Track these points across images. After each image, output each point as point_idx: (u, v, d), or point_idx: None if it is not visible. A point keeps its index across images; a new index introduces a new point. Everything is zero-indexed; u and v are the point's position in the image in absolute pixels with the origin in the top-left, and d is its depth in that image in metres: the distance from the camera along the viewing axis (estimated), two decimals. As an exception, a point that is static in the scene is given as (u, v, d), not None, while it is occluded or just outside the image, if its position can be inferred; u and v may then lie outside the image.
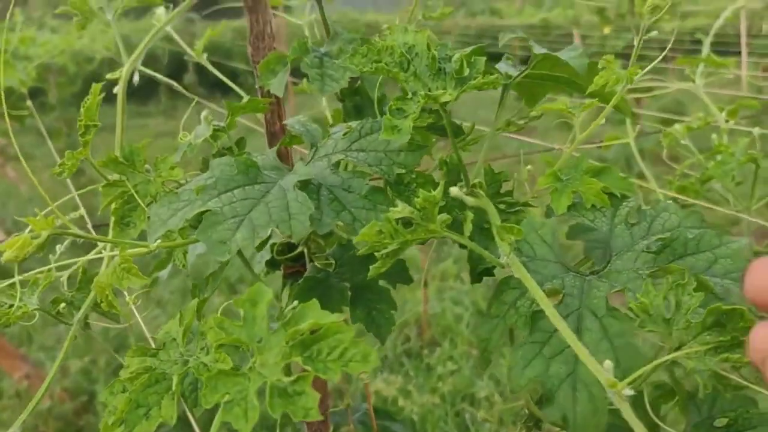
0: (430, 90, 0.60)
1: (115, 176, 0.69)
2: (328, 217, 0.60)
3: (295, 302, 0.46)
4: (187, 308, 0.57)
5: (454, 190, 0.53)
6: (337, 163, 0.69)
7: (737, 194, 0.97)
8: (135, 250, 0.56)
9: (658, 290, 0.45)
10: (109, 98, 0.73)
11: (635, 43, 0.66)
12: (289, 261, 0.91)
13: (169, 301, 3.61)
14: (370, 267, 0.56)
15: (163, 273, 0.95)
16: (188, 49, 1.05)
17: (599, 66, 0.60)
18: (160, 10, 1.03)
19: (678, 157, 1.25)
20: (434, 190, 0.63)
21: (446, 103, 0.59)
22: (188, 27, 8.99)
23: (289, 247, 0.88)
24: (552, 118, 0.88)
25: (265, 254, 0.89)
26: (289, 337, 0.45)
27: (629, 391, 0.44)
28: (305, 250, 0.87)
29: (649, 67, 0.62)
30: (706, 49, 1.41)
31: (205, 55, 1.08)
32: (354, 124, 0.68)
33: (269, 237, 0.92)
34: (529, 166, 0.66)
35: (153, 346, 0.59)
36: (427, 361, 3.27)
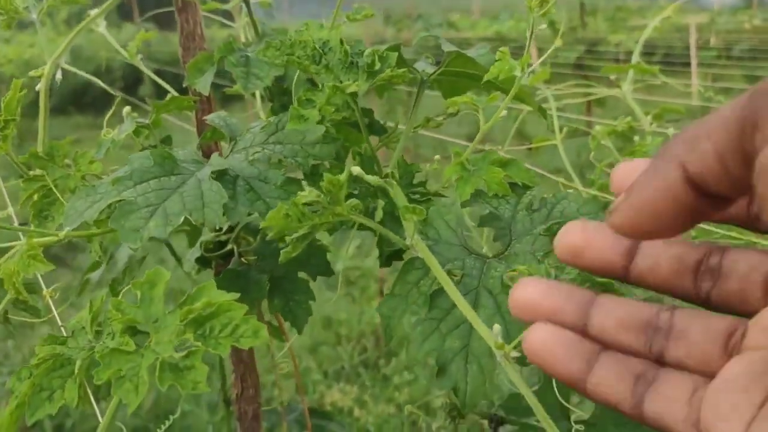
0: (341, 82, 0.62)
1: (38, 172, 0.70)
2: (242, 206, 0.62)
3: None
4: (96, 297, 0.58)
5: (355, 169, 0.55)
6: (268, 159, 0.70)
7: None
8: (43, 239, 0.57)
9: (541, 269, 0.48)
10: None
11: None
12: (219, 258, 0.92)
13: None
14: (281, 252, 0.58)
15: (95, 274, 0.96)
16: (122, 51, 1.06)
17: (496, 58, 0.63)
18: (94, 12, 1.04)
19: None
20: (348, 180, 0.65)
21: (355, 94, 0.61)
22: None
23: (220, 244, 0.90)
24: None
25: (196, 252, 0.90)
26: (183, 315, 0.47)
27: (516, 353, 0.46)
28: (234, 247, 0.89)
29: (542, 58, 0.65)
30: (635, 57, 1.47)
31: (140, 56, 1.09)
32: (273, 119, 0.70)
33: (200, 234, 0.93)
34: (437, 156, 0.69)
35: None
36: (383, 372, 3.28)
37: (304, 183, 0.65)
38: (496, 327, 0.46)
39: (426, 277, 0.58)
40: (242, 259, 0.80)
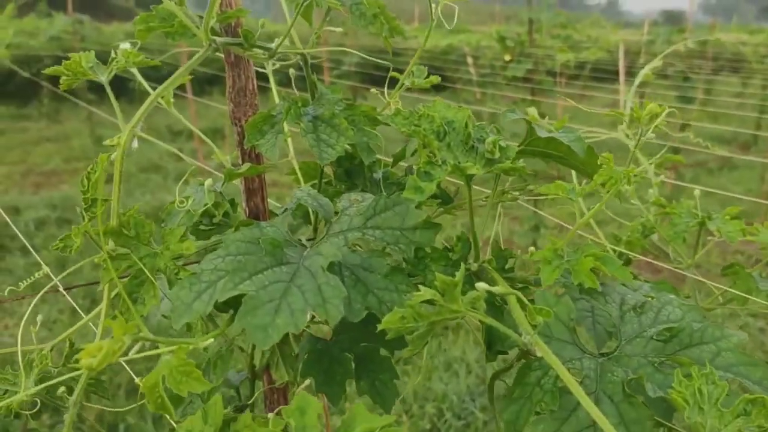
0: (459, 162, 0.64)
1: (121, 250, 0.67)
2: (356, 302, 0.62)
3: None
4: (209, 405, 0.56)
5: (481, 285, 0.56)
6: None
7: (682, 250, 1.06)
8: (191, 348, 0.54)
9: (688, 381, 0.50)
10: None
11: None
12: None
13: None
14: (404, 351, 0.58)
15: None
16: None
17: (599, 162, 0.66)
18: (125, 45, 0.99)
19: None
20: (447, 266, 0.66)
21: (471, 176, 0.63)
22: (78, 29, 8.56)
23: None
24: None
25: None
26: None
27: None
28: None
29: (649, 163, 0.67)
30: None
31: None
32: (370, 202, 0.69)
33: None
34: (532, 248, 0.70)
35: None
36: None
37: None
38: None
39: (546, 375, 0.59)
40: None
